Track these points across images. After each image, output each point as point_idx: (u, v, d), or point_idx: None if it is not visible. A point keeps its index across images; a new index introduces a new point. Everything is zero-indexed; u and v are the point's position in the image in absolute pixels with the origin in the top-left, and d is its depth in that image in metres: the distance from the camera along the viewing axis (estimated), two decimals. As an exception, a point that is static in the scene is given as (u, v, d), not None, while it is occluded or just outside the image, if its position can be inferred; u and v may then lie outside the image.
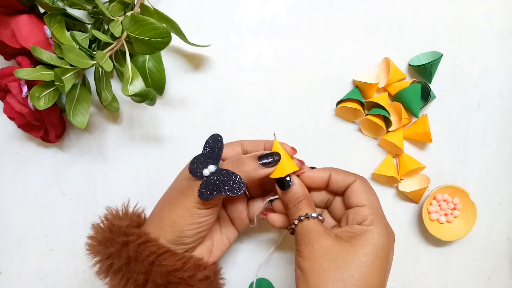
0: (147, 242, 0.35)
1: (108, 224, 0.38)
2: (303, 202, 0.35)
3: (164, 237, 0.36)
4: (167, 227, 0.36)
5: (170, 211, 0.36)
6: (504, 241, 0.47)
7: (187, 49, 0.46)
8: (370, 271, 0.31)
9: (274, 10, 0.46)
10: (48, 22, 0.40)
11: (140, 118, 0.47)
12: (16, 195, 0.48)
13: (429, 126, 0.44)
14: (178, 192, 0.37)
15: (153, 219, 0.38)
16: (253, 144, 0.39)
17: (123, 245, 0.35)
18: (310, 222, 0.34)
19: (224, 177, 0.34)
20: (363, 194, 0.35)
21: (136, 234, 0.36)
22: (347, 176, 0.36)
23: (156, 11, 0.41)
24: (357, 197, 0.35)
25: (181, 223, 0.36)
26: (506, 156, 0.47)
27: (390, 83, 0.45)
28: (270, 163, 0.35)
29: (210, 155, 0.36)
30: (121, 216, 0.39)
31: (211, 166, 0.35)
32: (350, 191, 0.36)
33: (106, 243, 0.36)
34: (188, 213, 0.35)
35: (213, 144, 0.37)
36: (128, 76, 0.39)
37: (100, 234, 0.37)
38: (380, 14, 0.46)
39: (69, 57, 0.38)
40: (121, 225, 0.37)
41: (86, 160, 0.47)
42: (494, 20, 0.46)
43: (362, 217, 0.34)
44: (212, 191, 0.34)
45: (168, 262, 0.35)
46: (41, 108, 0.39)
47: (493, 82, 0.46)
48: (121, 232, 0.36)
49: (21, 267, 0.48)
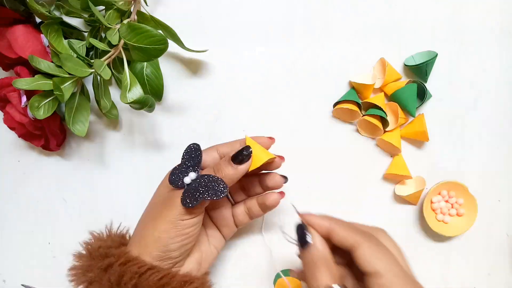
0: (127, 262, 0.34)
1: (89, 248, 0.36)
2: (321, 269, 0.31)
3: (149, 255, 0.34)
4: (151, 244, 0.34)
5: (153, 226, 0.35)
6: (504, 238, 0.47)
7: (184, 54, 0.46)
8: None
9: (270, 14, 0.46)
10: (45, 31, 0.40)
11: (139, 124, 0.47)
12: (18, 204, 0.48)
13: (425, 125, 0.44)
14: (160, 205, 0.36)
15: (136, 237, 0.37)
16: (228, 146, 0.39)
17: (103, 270, 0.34)
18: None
19: (206, 182, 0.34)
20: (375, 260, 0.30)
21: (116, 255, 0.35)
22: (351, 235, 0.31)
23: (153, 18, 0.41)
24: (370, 264, 0.29)
25: (165, 237, 0.34)
26: (503, 152, 0.47)
27: (386, 84, 0.45)
28: (243, 159, 0.35)
29: (189, 164, 0.36)
30: (103, 238, 0.38)
31: (192, 174, 0.35)
32: (357, 255, 0.30)
33: (86, 269, 0.35)
34: (172, 226, 0.34)
35: (191, 153, 0.37)
36: (127, 84, 0.39)
37: (81, 261, 0.36)
38: (375, 15, 0.46)
39: (67, 66, 0.38)
40: (100, 246, 0.36)
41: (87, 167, 0.48)
42: (489, 18, 0.46)
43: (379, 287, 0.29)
44: (195, 197, 0.34)
45: (152, 281, 0.33)
46: (40, 118, 0.39)
47: (488, 79, 0.47)
48: (100, 255, 0.35)
49: (24, 275, 0.48)
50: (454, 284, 0.47)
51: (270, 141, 0.38)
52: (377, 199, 0.47)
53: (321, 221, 0.32)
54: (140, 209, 0.46)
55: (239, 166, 0.35)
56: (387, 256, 0.30)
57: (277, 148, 0.46)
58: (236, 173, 0.35)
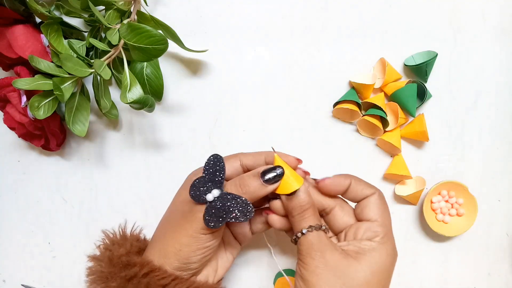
0: (150, 272, 0.34)
1: (109, 255, 0.36)
2: (308, 211, 0.34)
3: (170, 265, 0.34)
4: (171, 255, 0.35)
5: (174, 238, 0.35)
6: (504, 237, 0.47)
7: (184, 54, 0.46)
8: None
9: (270, 14, 0.46)
10: (45, 31, 0.40)
11: (139, 124, 0.47)
12: (18, 204, 0.48)
13: (425, 125, 0.44)
14: (180, 217, 0.36)
15: (156, 246, 0.36)
16: (252, 158, 0.37)
17: (127, 280, 0.34)
18: (315, 234, 0.33)
19: (229, 202, 0.33)
20: (378, 209, 0.34)
21: (139, 264, 0.34)
22: (367, 188, 0.35)
23: (153, 18, 0.41)
24: (372, 211, 0.34)
25: (186, 251, 0.34)
26: (503, 152, 0.47)
27: (386, 84, 0.45)
28: (273, 179, 0.34)
29: (211, 177, 0.34)
30: (119, 242, 0.37)
31: (215, 191, 0.33)
32: (366, 203, 0.35)
33: (107, 276, 0.34)
34: (193, 240, 0.34)
35: (213, 165, 0.35)
36: (127, 84, 0.39)
37: (100, 266, 0.35)
38: (374, 15, 0.46)
39: (67, 66, 0.38)
40: (122, 254, 0.35)
41: (87, 167, 0.48)
42: (489, 18, 0.46)
43: (373, 233, 0.33)
44: (219, 218, 0.33)
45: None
46: (40, 118, 0.39)
47: (488, 79, 0.47)
48: (122, 263, 0.35)
49: (24, 275, 0.48)
50: (454, 284, 0.47)
51: (296, 162, 0.37)
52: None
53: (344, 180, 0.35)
54: (140, 209, 0.46)
55: (267, 185, 0.34)
56: (387, 209, 0.35)
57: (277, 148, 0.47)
58: (262, 192, 0.34)
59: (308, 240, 0.33)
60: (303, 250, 0.33)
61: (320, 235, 0.33)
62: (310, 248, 0.33)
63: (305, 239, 0.33)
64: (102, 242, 0.38)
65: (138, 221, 0.41)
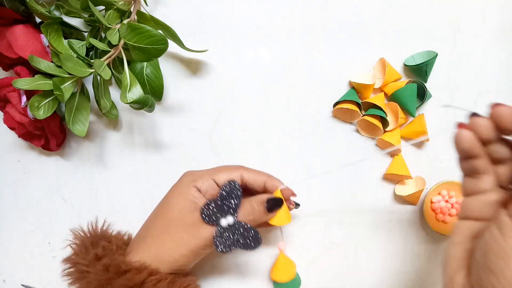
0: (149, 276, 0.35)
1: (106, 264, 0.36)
2: None
3: (163, 270, 0.36)
4: (167, 263, 0.36)
5: (173, 249, 0.36)
6: (503, 237, 0.47)
7: (184, 54, 0.46)
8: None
9: (269, 14, 0.46)
10: (45, 31, 0.40)
11: (139, 124, 0.47)
12: (18, 204, 0.48)
13: (426, 125, 0.44)
14: (181, 229, 0.36)
15: (150, 248, 0.37)
16: (253, 177, 0.39)
17: None
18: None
19: (241, 230, 0.35)
20: None
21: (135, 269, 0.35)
22: None
23: (153, 18, 0.41)
24: None
25: (183, 261, 0.36)
26: (503, 152, 0.47)
27: (386, 84, 0.45)
28: (274, 209, 0.37)
29: (226, 203, 0.36)
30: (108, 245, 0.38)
31: (230, 218, 0.35)
32: None
33: (104, 285, 0.35)
34: (193, 255, 0.36)
35: (230, 192, 0.36)
36: (127, 84, 0.39)
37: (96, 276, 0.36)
38: (374, 15, 0.46)
39: (67, 66, 0.38)
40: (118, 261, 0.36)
41: (87, 167, 0.48)
42: (489, 17, 0.46)
43: None
44: (230, 245, 0.35)
45: None
46: (40, 118, 0.39)
47: (488, 79, 0.47)
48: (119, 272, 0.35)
49: (24, 275, 0.48)
50: (454, 284, 0.47)
51: (293, 195, 0.40)
52: (377, 199, 0.47)
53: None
54: (140, 209, 0.46)
55: (268, 213, 0.37)
56: None
57: (277, 148, 0.47)
58: (263, 219, 0.37)
59: None
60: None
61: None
62: None
63: None
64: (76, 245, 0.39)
65: (138, 220, 0.41)
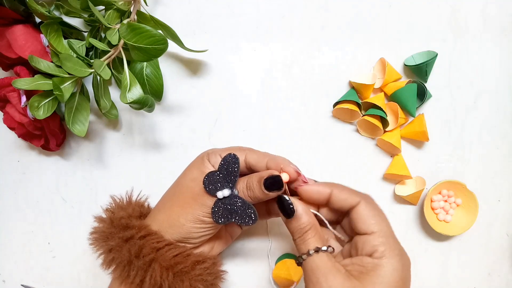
0: (147, 235, 0.36)
1: (110, 215, 0.38)
2: (309, 233, 0.33)
3: (170, 235, 0.37)
4: (175, 228, 0.36)
5: (180, 213, 0.37)
6: (504, 237, 0.47)
7: (184, 54, 0.46)
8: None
9: (269, 14, 0.46)
10: (45, 31, 0.40)
11: (139, 124, 0.47)
12: (18, 204, 0.48)
13: (425, 125, 0.44)
14: (189, 196, 0.37)
15: (159, 215, 0.38)
16: (256, 157, 0.37)
17: (124, 240, 0.36)
18: (318, 257, 0.32)
19: (238, 205, 0.35)
20: (370, 219, 0.32)
21: (137, 227, 0.37)
22: (351, 196, 0.33)
23: (153, 18, 0.41)
24: (364, 223, 0.32)
25: (189, 226, 0.36)
26: (503, 152, 0.47)
27: (386, 84, 0.45)
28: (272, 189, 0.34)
29: (225, 176, 0.36)
30: (124, 206, 0.39)
31: (226, 191, 0.35)
32: (356, 215, 0.32)
33: (107, 236, 0.37)
34: (198, 221, 0.36)
35: (229, 165, 0.36)
36: (126, 84, 0.39)
37: (102, 226, 0.38)
38: (374, 15, 0.46)
39: (67, 66, 0.38)
40: (122, 216, 0.37)
41: (86, 167, 0.48)
42: (489, 18, 0.46)
43: (371, 247, 0.31)
44: (225, 217, 0.35)
45: (167, 257, 0.35)
46: (40, 118, 0.39)
47: (488, 79, 0.47)
48: (121, 225, 0.37)
49: (24, 275, 0.48)
50: (454, 284, 0.47)
51: (297, 174, 0.36)
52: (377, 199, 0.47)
53: (323, 189, 0.34)
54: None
55: (268, 192, 0.34)
56: (382, 217, 0.32)
57: (277, 148, 0.47)
58: (264, 197, 0.35)
59: (310, 264, 0.32)
60: (306, 275, 0.33)
61: (322, 258, 0.32)
62: (312, 273, 0.32)
63: (307, 263, 0.32)
64: (109, 206, 0.40)
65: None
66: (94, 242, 0.38)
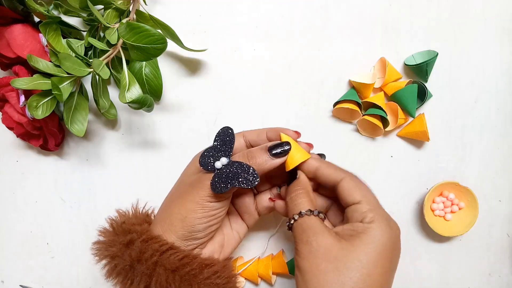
0: (149, 239, 0.35)
1: (113, 225, 0.37)
2: (301, 194, 0.34)
3: (175, 233, 0.35)
4: (177, 223, 0.35)
5: (180, 206, 0.35)
6: (505, 238, 0.47)
7: (183, 54, 0.46)
8: (372, 273, 0.30)
9: (269, 13, 0.46)
10: (43, 31, 0.40)
11: (138, 124, 0.47)
12: (17, 204, 0.48)
13: (426, 125, 0.44)
14: (187, 186, 0.36)
15: (161, 216, 0.37)
16: (255, 134, 0.38)
17: (125, 245, 0.35)
18: (309, 218, 0.33)
19: (237, 169, 0.34)
20: (356, 191, 0.33)
21: (139, 231, 0.35)
22: (336, 173, 0.35)
23: (152, 17, 0.41)
24: (351, 195, 0.33)
25: (191, 217, 0.35)
26: (504, 152, 0.47)
27: (387, 83, 0.45)
28: (280, 153, 0.35)
29: (221, 148, 0.36)
30: (129, 216, 0.38)
31: (223, 159, 0.35)
32: (341, 190, 0.34)
33: (109, 244, 0.36)
34: (199, 207, 0.35)
35: (224, 137, 0.36)
36: (125, 83, 0.39)
37: (105, 235, 0.37)
38: (375, 14, 0.46)
39: (66, 65, 0.38)
40: (124, 222, 0.37)
41: (85, 167, 0.48)
42: (489, 17, 0.46)
43: (361, 214, 0.32)
44: (226, 183, 0.34)
45: (172, 260, 0.34)
46: (39, 117, 0.39)
47: (489, 79, 0.46)
48: (123, 231, 0.36)
49: (23, 276, 0.48)
50: (454, 284, 0.47)
51: (295, 135, 0.38)
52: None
53: (310, 163, 0.36)
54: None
55: (274, 158, 0.35)
56: (367, 189, 0.34)
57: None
58: (268, 165, 0.35)
59: (301, 224, 0.33)
60: (296, 236, 0.33)
61: (313, 219, 0.33)
62: (302, 232, 0.32)
63: (298, 224, 0.33)
64: (114, 218, 0.38)
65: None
66: (96, 252, 0.36)
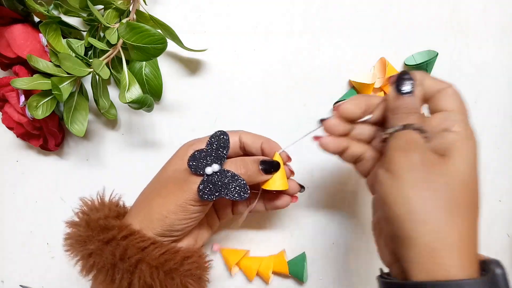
0: (129, 235, 0.34)
1: (86, 219, 0.36)
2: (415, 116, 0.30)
3: (152, 230, 0.35)
4: (156, 221, 0.35)
5: (162, 205, 0.35)
6: (505, 238, 0.47)
7: (183, 54, 0.46)
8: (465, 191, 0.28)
9: (269, 13, 0.46)
10: (43, 31, 0.40)
11: (138, 124, 0.47)
12: (17, 204, 0.48)
13: (426, 125, 0.44)
14: (172, 185, 0.36)
15: (140, 211, 0.36)
16: (251, 138, 0.38)
17: (105, 243, 0.34)
18: (415, 133, 0.30)
19: (227, 179, 0.34)
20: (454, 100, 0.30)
21: (118, 227, 0.35)
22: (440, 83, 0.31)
23: (152, 17, 0.41)
24: (448, 101, 0.30)
25: (172, 218, 0.35)
26: (504, 152, 0.47)
27: (387, 83, 0.45)
28: (271, 172, 0.36)
29: (213, 152, 0.35)
30: (97, 207, 0.37)
31: (215, 166, 0.34)
32: (439, 96, 0.31)
33: (85, 240, 0.34)
34: (181, 210, 0.35)
35: (218, 141, 0.35)
36: (125, 83, 0.39)
37: (77, 230, 0.35)
38: (375, 14, 0.46)
39: (66, 65, 0.38)
40: (99, 218, 0.35)
41: (85, 167, 0.48)
42: (489, 17, 0.46)
43: (451, 122, 0.30)
44: (214, 192, 0.33)
45: (154, 256, 0.34)
46: (39, 118, 0.39)
47: (489, 79, 0.46)
48: (100, 227, 0.35)
49: (23, 276, 0.48)
50: (454, 284, 0.47)
51: (287, 159, 0.39)
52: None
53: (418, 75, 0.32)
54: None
55: (263, 174, 0.36)
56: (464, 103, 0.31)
57: (276, 148, 0.46)
58: (260, 179, 0.36)
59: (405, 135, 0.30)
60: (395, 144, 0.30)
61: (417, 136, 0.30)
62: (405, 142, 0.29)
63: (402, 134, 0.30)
64: (80, 209, 0.37)
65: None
66: (70, 248, 0.35)
